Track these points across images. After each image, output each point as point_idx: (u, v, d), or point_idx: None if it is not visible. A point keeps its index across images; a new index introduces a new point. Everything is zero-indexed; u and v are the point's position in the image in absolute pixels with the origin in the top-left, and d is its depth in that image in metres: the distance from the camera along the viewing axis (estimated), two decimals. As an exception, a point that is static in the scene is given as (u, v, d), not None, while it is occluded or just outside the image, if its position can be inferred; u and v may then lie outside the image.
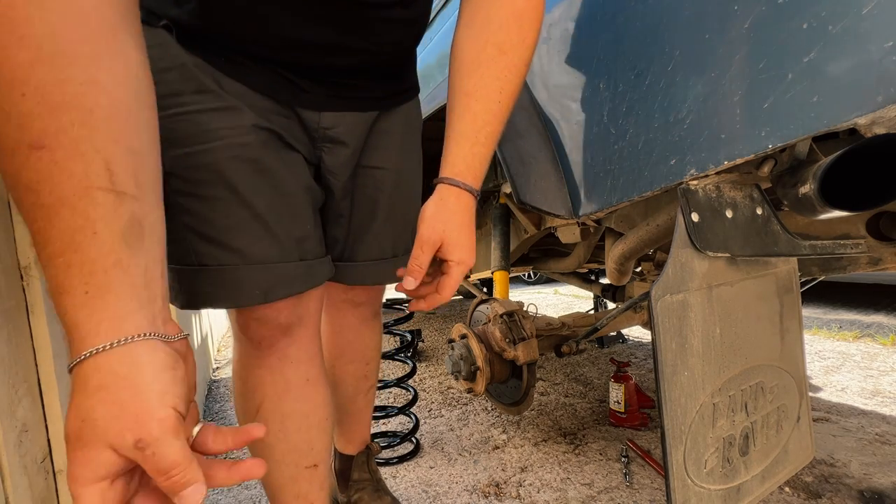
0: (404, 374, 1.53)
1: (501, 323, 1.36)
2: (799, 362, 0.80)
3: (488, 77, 0.61)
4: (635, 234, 1.16)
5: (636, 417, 1.54)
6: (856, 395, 1.74)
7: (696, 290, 0.65)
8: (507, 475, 1.28)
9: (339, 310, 0.94)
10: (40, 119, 0.31)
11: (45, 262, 0.33)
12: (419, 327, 3.42)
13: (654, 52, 0.65)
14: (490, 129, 0.62)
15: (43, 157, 0.31)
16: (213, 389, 2.37)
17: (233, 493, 1.29)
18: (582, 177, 0.82)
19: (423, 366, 2.52)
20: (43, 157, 0.31)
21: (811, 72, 0.48)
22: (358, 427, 1.05)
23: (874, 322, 2.90)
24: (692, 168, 0.61)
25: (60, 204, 0.32)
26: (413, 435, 1.48)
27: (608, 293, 2.04)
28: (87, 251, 0.33)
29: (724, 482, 0.69)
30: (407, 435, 1.47)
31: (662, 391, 0.62)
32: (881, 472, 1.19)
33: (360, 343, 0.98)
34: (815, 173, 0.57)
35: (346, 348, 0.97)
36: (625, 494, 1.15)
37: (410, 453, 1.43)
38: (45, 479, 0.75)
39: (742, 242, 0.65)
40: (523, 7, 0.61)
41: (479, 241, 2.09)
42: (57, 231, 0.32)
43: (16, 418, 0.68)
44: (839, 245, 0.74)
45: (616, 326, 1.77)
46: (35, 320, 0.76)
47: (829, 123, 0.47)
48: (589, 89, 0.77)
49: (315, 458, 0.76)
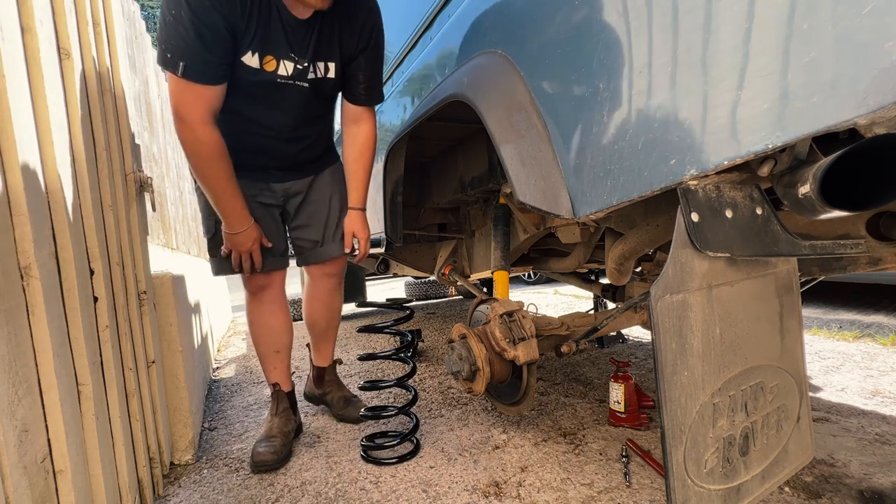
0: (404, 374, 1.53)
1: (501, 323, 1.36)
2: (799, 362, 0.80)
3: (362, 165, 1.50)
4: (635, 234, 1.16)
5: (636, 417, 1.54)
6: (856, 395, 1.74)
7: (696, 290, 0.65)
8: (507, 475, 1.28)
9: (317, 281, 1.66)
10: (220, 187, 1.26)
11: (224, 210, 1.30)
12: (419, 327, 3.42)
13: (653, 51, 0.65)
14: (366, 180, 1.52)
15: (226, 196, 1.29)
16: (213, 389, 2.37)
17: (233, 494, 1.29)
18: (582, 177, 0.82)
19: (423, 366, 2.52)
20: (226, 196, 1.29)
21: (811, 72, 0.48)
22: (327, 349, 1.79)
23: (874, 322, 2.90)
24: (692, 168, 0.61)
25: (233, 201, 1.30)
26: (413, 435, 1.48)
27: (608, 293, 2.04)
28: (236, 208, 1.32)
29: (724, 482, 0.69)
30: (407, 435, 1.47)
31: (662, 391, 0.62)
32: (881, 472, 1.19)
33: (329, 300, 1.69)
34: (815, 173, 0.57)
35: (320, 303, 1.68)
36: (625, 494, 1.15)
37: (410, 453, 1.43)
38: (45, 479, 0.75)
39: (742, 242, 0.65)
40: (368, 141, 1.49)
41: (479, 242, 2.10)
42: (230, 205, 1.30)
43: (16, 418, 0.68)
44: (839, 245, 0.74)
45: (616, 326, 1.77)
46: (35, 320, 0.76)
47: (829, 123, 0.47)
48: (589, 89, 0.77)
49: (278, 347, 1.60)
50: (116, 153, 1.24)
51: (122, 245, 1.19)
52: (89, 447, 0.90)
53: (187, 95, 1.11)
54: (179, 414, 1.52)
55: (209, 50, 1.07)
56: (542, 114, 0.90)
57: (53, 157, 0.84)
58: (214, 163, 1.20)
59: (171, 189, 3.14)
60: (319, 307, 1.69)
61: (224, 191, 1.26)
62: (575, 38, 0.80)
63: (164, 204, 2.75)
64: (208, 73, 1.10)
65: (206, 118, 1.15)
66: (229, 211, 1.29)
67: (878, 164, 0.58)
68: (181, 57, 1.07)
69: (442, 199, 1.95)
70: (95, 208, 1.03)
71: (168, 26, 1.06)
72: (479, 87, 1.06)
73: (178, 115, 1.14)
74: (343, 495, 1.23)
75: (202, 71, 1.09)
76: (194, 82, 1.09)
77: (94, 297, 1.00)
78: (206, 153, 1.19)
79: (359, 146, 1.47)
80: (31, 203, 0.75)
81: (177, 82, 1.10)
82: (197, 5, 1.03)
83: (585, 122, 0.79)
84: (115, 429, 1.03)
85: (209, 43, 1.07)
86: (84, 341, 0.89)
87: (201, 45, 1.06)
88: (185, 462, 1.50)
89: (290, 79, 1.26)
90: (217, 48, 1.09)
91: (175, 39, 1.06)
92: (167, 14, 1.05)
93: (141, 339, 1.28)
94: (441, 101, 1.23)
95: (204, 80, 1.10)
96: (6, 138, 0.71)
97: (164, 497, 1.30)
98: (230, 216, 1.30)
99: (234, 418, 1.91)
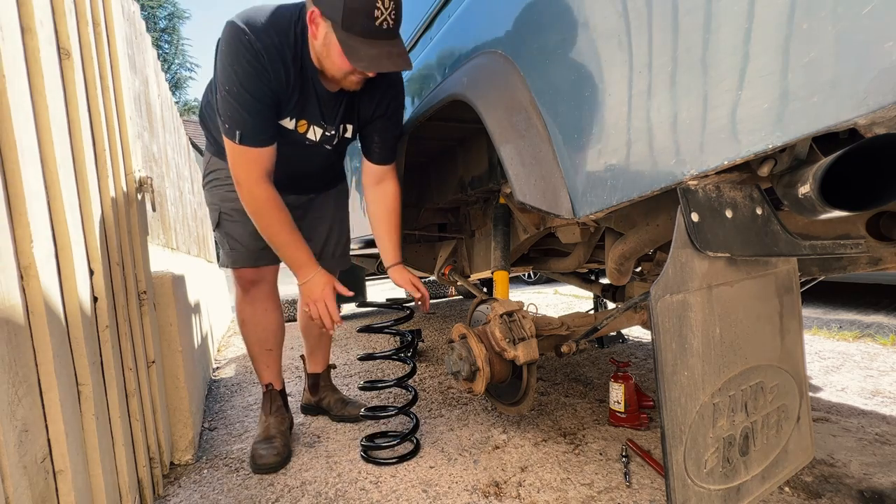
0: (404, 374, 1.53)
1: (501, 323, 1.36)
2: (799, 362, 0.80)
3: (393, 224, 1.53)
4: (635, 234, 1.16)
5: (636, 417, 1.54)
6: (856, 395, 1.74)
7: (696, 290, 0.65)
8: (507, 475, 1.28)
9: None
10: (283, 239, 1.33)
11: (290, 262, 1.36)
12: (419, 327, 3.42)
13: (653, 51, 0.65)
14: (399, 237, 1.54)
15: (289, 248, 1.34)
16: (213, 389, 2.37)
17: (233, 494, 1.29)
18: (582, 177, 0.82)
19: (423, 366, 2.52)
20: (289, 248, 1.34)
21: (811, 72, 0.48)
22: (321, 355, 1.85)
23: (874, 322, 2.90)
24: (692, 168, 0.61)
25: (297, 253, 1.35)
26: (413, 435, 1.48)
27: (608, 293, 2.04)
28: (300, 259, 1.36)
29: (724, 482, 0.69)
30: (407, 435, 1.47)
31: (662, 391, 0.62)
32: (881, 472, 1.19)
33: None
34: (815, 173, 0.57)
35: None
36: (625, 494, 1.15)
37: (410, 453, 1.43)
38: (45, 479, 0.75)
39: (742, 242, 0.65)
40: (395, 198, 1.51)
41: (479, 242, 2.09)
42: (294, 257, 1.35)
43: (16, 418, 0.68)
44: (839, 245, 0.74)
45: (616, 326, 1.77)
46: (35, 320, 0.76)
47: (829, 123, 0.47)
48: (589, 89, 0.77)
49: (270, 345, 1.63)
50: (116, 153, 1.24)
51: (122, 245, 1.19)
52: (89, 447, 0.90)
53: (244, 159, 1.24)
54: (179, 414, 1.52)
55: (260, 119, 1.21)
56: (542, 114, 0.90)
57: (53, 157, 0.84)
58: (274, 216, 1.30)
59: (171, 189, 3.14)
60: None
61: (287, 243, 1.33)
62: (575, 39, 0.80)
63: (164, 204, 2.75)
64: (260, 139, 1.23)
65: (261, 178, 1.26)
66: (293, 261, 1.35)
67: (878, 164, 0.58)
68: (238, 126, 1.19)
69: (442, 199, 1.95)
70: (95, 208, 1.03)
71: (224, 100, 1.18)
72: (479, 87, 1.06)
73: (237, 179, 1.27)
74: (343, 495, 1.23)
75: (255, 137, 1.21)
76: (249, 146, 1.22)
77: (94, 297, 1.00)
78: (265, 209, 1.29)
79: (387, 206, 1.50)
80: (31, 203, 0.75)
81: (234, 149, 1.23)
82: (249, 82, 1.16)
83: (585, 122, 0.79)
84: (115, 429, 1.03)
85: (260, 113, 1.20)
86: (84, 341, 0.89)
87: (254, 116, 1.19)
88: (185, 462, 1.50)
89: (317, 143, 1.41)
90: (267, 117, 1.23)
91: (231, 112, 1.18)
92: (223, 89, 1.17)
93: (141, 339, 1.28)
94: (441, 102, 1.23)
95: (257, 144, 1.22)
96: (6, 138, 0.71)
97: (164, 497, 1.30)
98: (295, 266, 1.36)
99: (234, 418, 1.91)
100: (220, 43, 1.18)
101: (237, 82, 1.16)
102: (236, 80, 1.15)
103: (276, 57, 1.17)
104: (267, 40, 1.16)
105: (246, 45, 1.14)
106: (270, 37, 1.16)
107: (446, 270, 2.25)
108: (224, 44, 1.16)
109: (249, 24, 1.15)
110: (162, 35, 17.15)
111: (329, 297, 1.35)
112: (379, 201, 1.50)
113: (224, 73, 1.17)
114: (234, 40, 1.14)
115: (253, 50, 1.14)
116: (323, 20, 1.14)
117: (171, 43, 17.46)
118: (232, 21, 1.16)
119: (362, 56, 1.12)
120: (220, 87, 1.18)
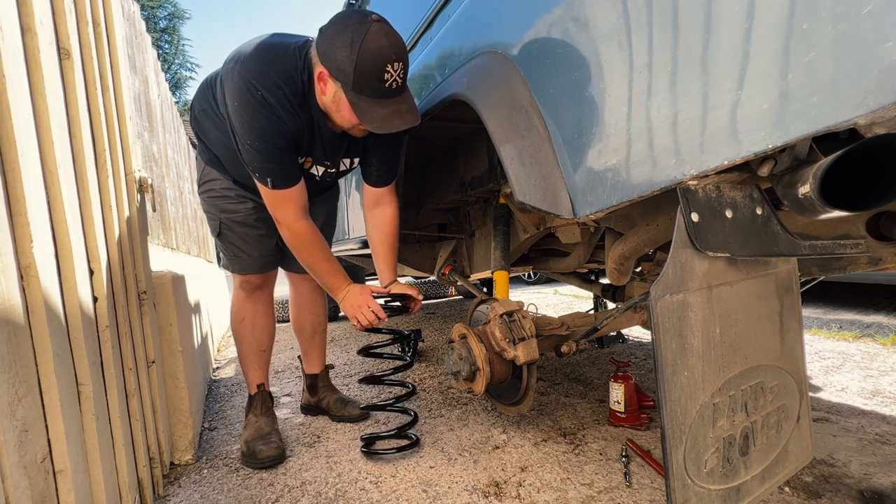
0: (398, 367, 1.54)
1: (501, 323, 1.36)
2: (799, 362, 0.80)
3: (389, 249, 1.55)
4: (635, 234, 1.16)
5: (636, 417, 1.54)
6: (856, 395, 1.74)
7: (696, 290, 0.65)
8: (507, 475, 1.28)
9: (298, 285, 1.80)
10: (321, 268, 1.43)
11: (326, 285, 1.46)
12: (419, 327, 3.42)
13: (653, 51, 0.65)
14: (395, 260, 1.57)
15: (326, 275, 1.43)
16: (213, 389, 2.37)
17: (233, 494, 1.29)
18: (582, 177, 0.82)
19: (423, 366, 2.52)
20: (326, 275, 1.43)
21: (811, 72, 0.48)
22: (317, 355, 1.87)
23: (874, 322, 2.90)
24: (692, 168, 0.61)
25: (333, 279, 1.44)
26: (411, 428, 1.48)
27: (608, 293, 2.04)
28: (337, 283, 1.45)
29: (724, 482, 0.69)
30: (405, 427, 1.47)
31: (662, 391, 0.62)
32: (881, 472, 1.19)
33: (311, 303, 1.82)
34: (815, 173, 0.57)
35: (303, 306, 1.82)
36: (625, 494, 1.15)
37: (410, 446, 1.43)
38: (45, 479, 0.74)
39: (742, 242, 0.65)
40: (391, 223, 1.54)
41: (479, 242, 2.09)
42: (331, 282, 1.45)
43: (16, 418, 0.68)
44: (839, 245, 0.74)
45: (616, 326, 1.77)
46: (35, 320, 0.76)
47: (829, 123, 0.47)
48: (589, 89, 0.77)
49: (263, 347, 1.67)
50: (116, 153, 1.24)
51: (122, 245, 1.19)
52: (89, 447, 0.90)
53: (280, 200, 1.31)
54: (179, 414, 1.52)
55: (286, 163, 1.28)
56: (543, 114, 0.90)
57: (53, 157, 0.84)
58: (314, 249, 1.38)
59: (171, 189, 3.14)
60: (304, 311, 1.82)
61: (326, 271, 1.42)
62: (575, 39, 0.80)
63: (164, 204, 2.75)
64: (289, 179, 1.29)
65: (298, 214, 1.34)
66: (331, 285, 1.44)
67: (878, 164, 0.58)
68: (268, 175, 1.26)
69: (442, 199, 1.95)
70: (95, 208, 1.03)
71: (248, 153, 1.24)
72: (480, 87, 1.06)
73: (277, 219, 1.35)
74: (343, 495, 1.23)
75: (284, 178, 1.29)
76: (282, 189, 1.29)
77: (94, 297, 1.00)
78: (306, 244, 1.37)
79: (385, 229, 1.53)
80: (31, 203, 0.75)
81: (269, 193, 1.30)
82: (269, 135, 1.21)
83: (585, 122, 0.79)
84: (115, 429, 1.03)
85: (285, 158, 1.28)
86: (84, 341, 0.89)
87: (280, 162, 1.27)
88: (185, 462, 1.50)
89: (318, 177, 1.49)
90: (291, 159, 1.31)
91: (258, 163, 1.25)
92: (244, 143, 1.23)
93: (141, 339, 1.28)
94: (441, 101, 1.23)
95: (288, 185, 1.29)
96: (6, 138, 0.71)
97: (164, 497, 1.30)
98: (331, 288, 1.44)
99: (234, 418, 1.91)
100: (228, 93, 1.20)
101: (258, 137, 1.20)
102: (257, 136, 1.20)
103: (287, 107, 1.22)
104: (279, 93, 1.20)
105: (260, 100, 1.18)
106: (281, 88, 1.20)
107: (446, 270, 2.25)
108: (237, 100, 1.19)
109: (258, 77, 1.17)
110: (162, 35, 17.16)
111: (370, 300, 1.41)
112: (375, 228, 1.55)
113: (244, 129, 1.20)
114: (247, 96, 1.17)
115: (267, 105, 1.18)
116: (332, 80, 1.17)
117: (171, 43, 17.47)
118: (238, 72, 1.18)
119: (374, 117, 1.16)
120: (242, 142, 1.23)
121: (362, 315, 1.40)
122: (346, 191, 2.54)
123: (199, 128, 1.48)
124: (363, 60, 1.10)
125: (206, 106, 1.40)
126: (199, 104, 1.43)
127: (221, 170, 1.51)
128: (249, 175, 1.33)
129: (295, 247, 1.38)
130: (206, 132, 1.46)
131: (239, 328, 1.63)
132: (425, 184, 2.14)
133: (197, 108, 1.44)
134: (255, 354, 1.64)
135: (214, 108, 1.35)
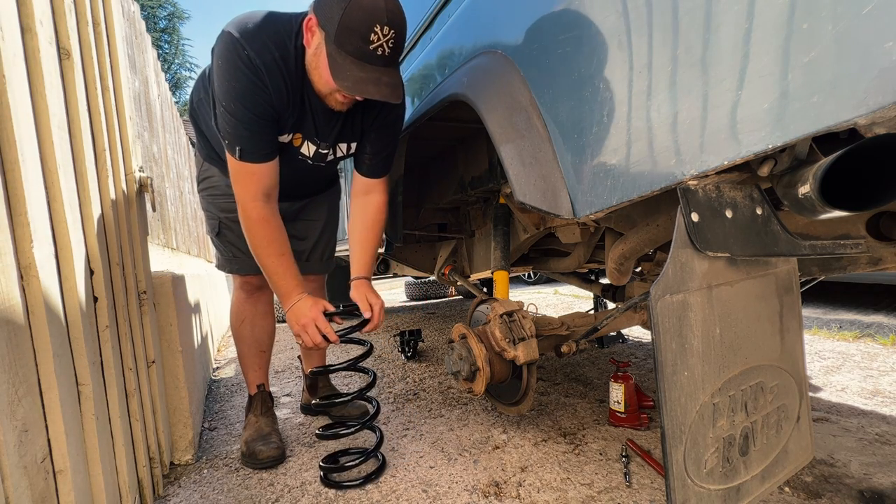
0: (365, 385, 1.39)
1: (501, 323, 1.36)
2: (799, 362, 0.80)
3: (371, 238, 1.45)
4: (635, 234, 1.16)
5: (636, 417, 1.54)
6: (856, 395, 1.74)
7: (696, 290, 0.65)
8: (507, 475, 1.28)
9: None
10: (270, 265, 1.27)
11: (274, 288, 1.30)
12: (419, 327, 3.42)
13: (653, 51, 0.65)
14: (374, 253, 1.48)
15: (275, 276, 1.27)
16: (213, 389, 2.37)
17: (233, 494, 1.29)
18: (582, 177, 0.82)
19: (423, 366, 2.52)
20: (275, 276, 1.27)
21: (811, 72, 0.48)
22: (317, 355, 1.84)
23: (874, 322, 2.90)
24: (692, 168, 0.61)
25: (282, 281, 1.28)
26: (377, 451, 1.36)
27: (608, 293, 2.04)
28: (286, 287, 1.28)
29: (723, 482, 0.69)
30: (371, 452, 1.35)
31: (662, 391, 0.62)
32: (881, 472, 1.19)
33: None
34: (815, 173, 0.57)
35: None
36: (625, 494, 1.15)
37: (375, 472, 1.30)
38: (45, 479, 0.74)
39: (742, 242, 0.65)
40: (378, 211, 1.45)
41: (479, 242, 2.10)
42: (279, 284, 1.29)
43: (16, 418, 0.68)
44: (839, 245, 0.74)
45: (616, 326, 1.77)
46: (35, 320, 0.76)
47: (829, 123, 0.47)
48: (589, 89, 0.77)
49: (262, 347, 1.65)
50: (116, 153, 1.24)
51: (122, 245, 1.19)
52: (89, 447, 0.90)
53: (243, 174, 1.21)
54: (179, 414, 1.52)
55: (260, 134, 1.18)
56: (543, 114, 0.90)
57: (53, 157, 0.84)
58: (265, 240, 1.25)
59: (171, 189, 3.14)
60: None
61: (275, 270, 1.27)
62: (575, 39, 0.80)
63: (164, 204, 2.75)
64: (260, 153, 1.20)
65: (256, 195, 1.23)
66: (280, 289, 1.28)
67: (878, 164, 0.58)
68: (238, 142, 1.17)
69: (442, 199, 1.95)
70: (95, 208, 1.03)
71: (223, 116, 1.15)
72: (480, 87, 1.06)
73: (237, 197, 1.24)
74: (343, 495, 1.23)
75: (255, 152, 1.19)
76: (248, 162, 1.19)
77: (94, 297, 1.00)
78: (256, 230, 1.24)
79: (370, 218, 1.44)
80: (31, 203, 0.75)
81: (235, 164, 1.21)
82: (248, 98, 1.12)
83: (585, 122, 0.79)
84: (115, 429, 1.03)
85: (260, 129, 1.18)
86: (84, 341, 0.89)
87: (254, 132, 1.17)
88: (185, 462, 1.50)
89: (310, 159, 1.37)
90: (267, 132, 1.20)
91: (230, 128, 1.16)
92: (221, 105, 1.14)
93: (141, 339, 1.28)
94: (441, 102, 1.23)
95: (258, 159, 1.20)
96: (6, 138, 0.71)
97: (164, 497, 1.30)
98: (279, 293, 1.28)
99: (234, 418, 1.91)
100: (215, 53, 1.13)
101: (236, 99, 1.12)
102: (235, 97, 1.11)
103: (275, 72, 1.13)
104: (267, 55, 1.11)
105: (245, 60, 1.09)
106: (270, 51, 1.11)
107: (446, 270, 2.25)
108: (221, 58, 1.11)
109: (247, 37, 1.10)
110: (162, 35, 17.16)
111: (319, 317, 1.23)
112: (359, 213, 1.44)
113: (222, 89, 1.12)
114: (232, 55, 1.09)
115: (252, 66, 1.10)
116: (318, 29, 1.09)
117: (171, 43, 17.47)
118: (228, 32, 1.10)
119: (347, 76, 1.06)
120: (219, 103, 1.14)
121: (306, 333, 1.23)
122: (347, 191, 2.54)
123: (196, 119, 1.45)
124: (352, 12, 1.02)
125: (202, 95, 1.36)
126: (196, 94, 1.40)
127: (220, 166, 1.47)
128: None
129: (245, 232, 1.25)
130: (203, 123, 1.43)
131: (239, 329, 1.62)
132: (425, 184, 2.14)
133: (194, 99, 1.41)
134: (255, 355, 1.64)
135: (211, 95, 1.29)
